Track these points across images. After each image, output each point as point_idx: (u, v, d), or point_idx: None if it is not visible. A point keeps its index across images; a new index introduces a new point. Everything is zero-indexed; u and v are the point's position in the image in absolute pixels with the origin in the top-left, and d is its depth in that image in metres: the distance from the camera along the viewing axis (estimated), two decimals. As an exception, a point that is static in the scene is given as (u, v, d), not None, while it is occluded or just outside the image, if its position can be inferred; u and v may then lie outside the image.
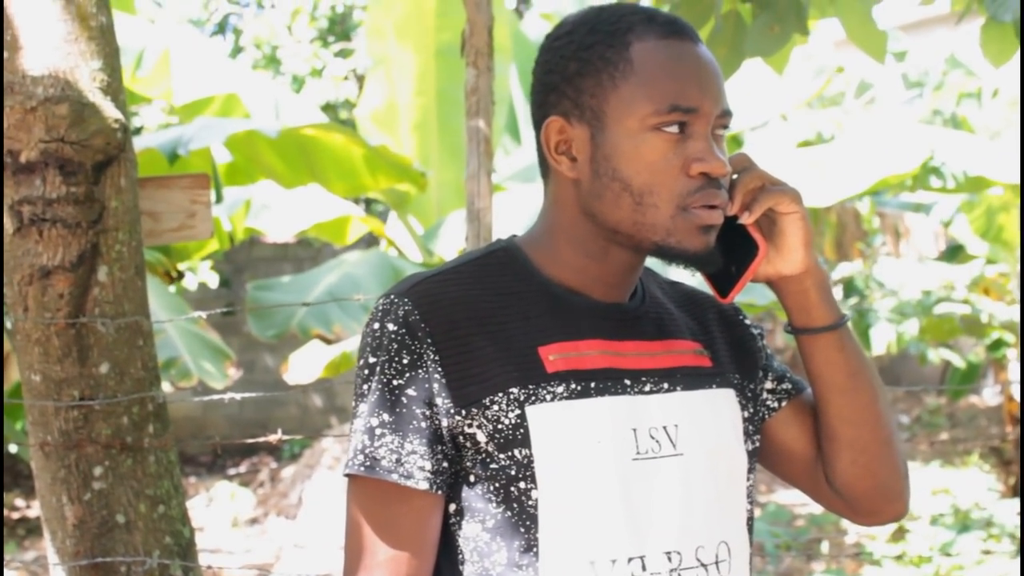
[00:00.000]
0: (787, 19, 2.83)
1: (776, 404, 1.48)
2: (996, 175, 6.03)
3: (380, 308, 1.33)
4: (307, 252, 9.87)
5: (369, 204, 10.25)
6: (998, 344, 8.06)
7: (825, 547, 6.29)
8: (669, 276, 1.55)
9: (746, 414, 1.44)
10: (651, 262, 1.40)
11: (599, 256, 1.36)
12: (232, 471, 9.16)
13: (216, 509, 7.80)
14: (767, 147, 7.45)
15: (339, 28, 11.39)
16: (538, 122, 1.37)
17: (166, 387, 4.51)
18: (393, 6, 6.54)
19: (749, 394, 1.46)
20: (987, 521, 6.31)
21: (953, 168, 6.31)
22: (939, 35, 9.99)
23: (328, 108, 10.69)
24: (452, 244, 5.70)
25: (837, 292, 10.60)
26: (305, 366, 5.97)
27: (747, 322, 1.52)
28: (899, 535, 6.35)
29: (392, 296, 1.33)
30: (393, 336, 1.31)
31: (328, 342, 5.74)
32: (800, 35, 2.92)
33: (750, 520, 1.43)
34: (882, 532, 6.47)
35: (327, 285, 5.67)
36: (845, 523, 6.83)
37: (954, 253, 10.03)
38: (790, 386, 1.49)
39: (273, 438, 2.45)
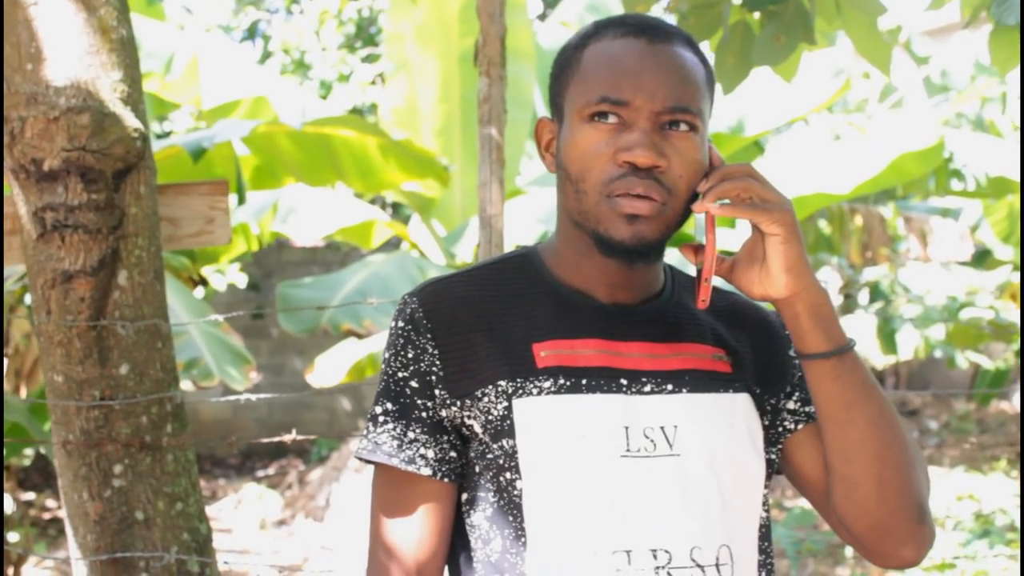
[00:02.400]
0: (793, 29, 2.87)
1: (793, 425, 1.47)
2: (1018, 177, 6.02)
3: (398, 308, 1.43)
4: (335, 256, 9.95)
5: (396, 208, 10.33)
6: (1027, 350, 8.03)
7: (849, 551, 6.29)
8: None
9: (765, 421, 1.45)
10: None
11: (587, 252, 1.40)
12: (260, 473, 9.24)
13: (244, 511, 7.87)
14: (788, 150, 7.47)
15: (365, 33, 11.48)
16: None
17: (189, 387, 4.59)
18: (415, 12, 6.60)
19: (768, 407, 1.46)
20: (1010, 526, 6.29)
21: (974, 170, 6.31)
22: (965, 39, 9.97)
23: (355, 112, 10.78)
24: (474, 247, 5.76)
25: (863, 296, 10.58)
26: (330, 369, 6.04)
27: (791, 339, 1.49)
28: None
29: (406, 296, 1.43)
30: (400, 332, 1.41)
31: (359, 337, 5.82)
32: (808, 44, 2.96)
33: (764, 527, 1.43)
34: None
35: (356, 284, 5.75)
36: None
37: (982, 258, 10.00)
38: (812, 410, 1.46)
39: (288, 438, 2.52)
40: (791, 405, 1.48)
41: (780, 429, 1.47)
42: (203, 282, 4.88)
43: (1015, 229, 7.59)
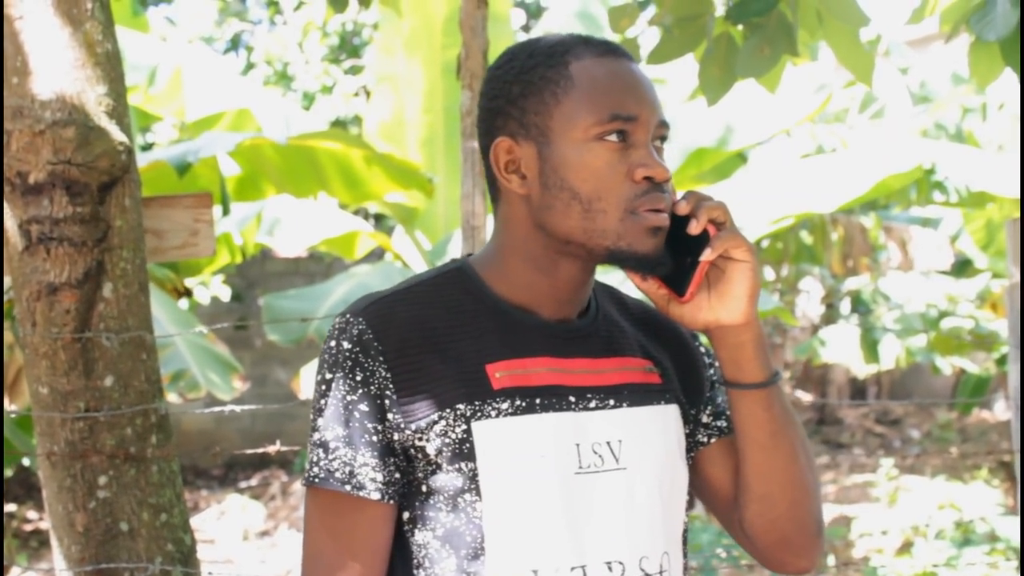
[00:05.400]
0: (777, 41, 2.89)
1: (705, 439, 1.52)
2: (998, 189, 6.06)
3: (337, 327, 1.39)
4: (318, 267, 9.96)
5: (379, 220, 10.34)
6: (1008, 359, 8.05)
7: (831, 560, 6.32)
8: (625, 292, 1.59)
9: (686, 431, 1.50)
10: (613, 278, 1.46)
11: (549, 270, 1.41)
12: (243, 484, 9.23)
13: (227, 522, 7.86)
14: (770, 162, 7.51)
15: (349, 45, 11.50)
16: (485, 147, 1.44)
17: (175, 399, 4.58)
18: (400, 24, 6.62)
19: (690, 418, 1.51)
20: (991, 535, 6.33)
21: (956, 182, 6.36)
22: (945, 50, 10.03)
23: (338, 124, 10.79)
24: (458, 259, 5.77)
25: (845, 306, 10.63)
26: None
27: (702, 350, 1.57)
28: (905, 549, 6.39)
29: (348, 315, 1.39)
30: (348, 354, 1.37)
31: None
32: (791, 56, 2.98)
33: (685, 532, 1.49)
34: (888, 546, 6.50)
35: (341, 294, 5.76)
36: (852, 537, 6.86)
37: (963, 267, 10.06)
38: (724, 424, 1.52)
39: (272, 448, 2.53)
40: (704, 419, 1.53)
41: (694, 441, 1.52)
42: (188, 294, 4.87)
43: (994, 238, 7.64)
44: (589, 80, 1.37)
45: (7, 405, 4.57)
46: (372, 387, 1.36)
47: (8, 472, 6.81)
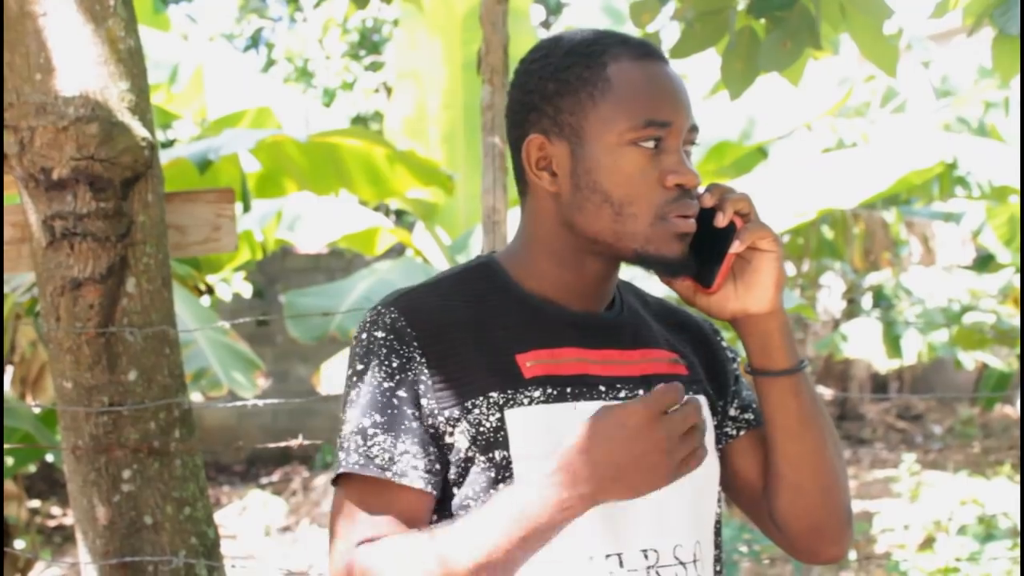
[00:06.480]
0: (799, 34, 2.89)
1: (734, 432, 1.53)
2: (1020, 183, 6.03)
3: (367, 320, 1.40)
4: (339, 263, 9.97)
5: (399, 216, 10.36)
6: (1030, 353, 8.02)
7: (853, 555, 6.31)
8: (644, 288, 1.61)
9: (714, 423, 1.51)
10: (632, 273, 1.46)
11: (575, 267, 1.43)
12: (265, 480, 9.26)
13: (249, 517, 7.90)
14: (791, 156, 7.48)
15: (369, 42, 11.52)
16: (516, 141, 1.44)
17: (197, 397, 4.59)
18: (422, 19, 6.63)
19: (718, 409, 1.52)
20: (1013, 530, 6.30)
21: (978, 176, 6.32)
22: (967, 43, 9.97)
23: (358, 120, 10.81)
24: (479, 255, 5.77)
25: (866, 301, 10.59)
26: (337, 375, 6.05)
27: (724, 344, 1.58)
28: (927, 545, 6.37)
29: (379, 307, 1.40)
30: (382, 342, 1.37)
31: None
32: (814, 49, 2.97)
33: (718, 523, 1.49)
34: (911, 541, 6.48)
35: (363, 290, 5.76)
36: (874, 532, 6.85)
37: (985, 262, 10.01)
38: (752, 417, 1.53)
39: (295, 443, 2.54)
40: (732, 412, 1.54)
41: (722, 433, 1.53)
42: (209, 291, 4.89)
43: (1016, 233, 7.59)
44: (627, 84, 1.37)
45: (29, 400, 4.61)
46: (408, 373, 1.36)
47: (32, 468, 6.86)
